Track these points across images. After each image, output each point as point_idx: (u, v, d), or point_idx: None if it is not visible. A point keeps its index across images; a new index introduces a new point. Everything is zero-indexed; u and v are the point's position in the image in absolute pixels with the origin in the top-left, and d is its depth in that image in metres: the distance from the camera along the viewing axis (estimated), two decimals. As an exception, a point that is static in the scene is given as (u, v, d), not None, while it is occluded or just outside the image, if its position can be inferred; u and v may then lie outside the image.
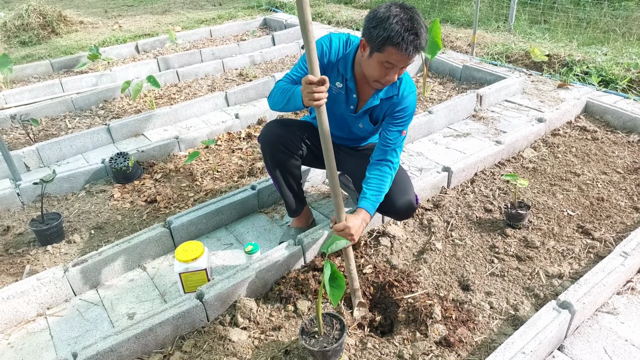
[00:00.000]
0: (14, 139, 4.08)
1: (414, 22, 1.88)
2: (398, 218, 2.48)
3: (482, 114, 4.02)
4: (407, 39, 1.86)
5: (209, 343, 2.01)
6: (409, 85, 2.23)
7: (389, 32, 1.87)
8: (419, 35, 1.89)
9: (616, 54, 4.88)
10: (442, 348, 1.90)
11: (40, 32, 7.22)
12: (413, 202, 2.34)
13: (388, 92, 2.20)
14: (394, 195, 2.28)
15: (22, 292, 2.23)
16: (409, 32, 1.86)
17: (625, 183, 2.92)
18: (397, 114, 2.22)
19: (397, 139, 2.24)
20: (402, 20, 1.87)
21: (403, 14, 1.88)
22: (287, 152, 2.35)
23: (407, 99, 2.21)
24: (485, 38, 5.82)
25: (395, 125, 2.23)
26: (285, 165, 2.39)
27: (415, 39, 1.88)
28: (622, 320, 2.02)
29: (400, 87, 2.20)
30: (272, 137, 2.33)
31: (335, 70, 2.24)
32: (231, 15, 8.16)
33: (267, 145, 2.35)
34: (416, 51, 1.92)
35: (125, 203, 3.06)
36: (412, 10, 1.92)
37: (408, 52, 1.90)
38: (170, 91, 4.97)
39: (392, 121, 2.24)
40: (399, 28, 1.86)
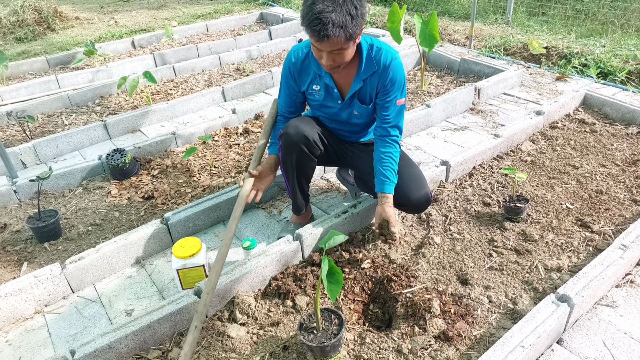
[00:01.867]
0: (10, 136, 4.06)
1: (324, 6, 1.80)
2: (413, 211, 2.47)
3: (480, 107, 4.01)
4: (312, 27, 1.82)
5: (208, 339, 2.01)
6: (387, 53, 2.16)
7: (302, 15, 1.86)
8: (324, 22, 1.80)
9: (615, 46, 4.86)
10: (441, 342, 1.90)
11: (36, 28, 7.18)
12: (429, 196, 2.35)
13: (367, 70, 2.17)
14: (410, 190, 2.29)
15: (19, 290, 2.22)
16: (315, 19, 1.80)
17: (624, 175, 2.92)
18: (387, 85, 2.19)
19: (394, 111, 2.23)
20: (315, 3, 1.81)
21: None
22: (309, 155, 2.30)
23: (389, 68, 2.16)
24: (483, 31, 5.79)
25: (388, 96, 2.21)
26: (304, 167, 2.36)
27: (322, 29, 1.80)
28: (621, 313, 2.01)
29: (380, 59, 2.15)
30: (298, 138, 2.24)
31: (311, 73, 2.24)
32: (228, 9, 8.11)
33: (293, 146, 2.26)
34: (325, 37, 1.83)
35: (123, 199, 3.05)
36: None
37: (319, 39, 1.85)
38: (167, 87, 4.95)
39: (383, 95, 2.22)
40: (308, 12, 1.82)
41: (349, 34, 1.87)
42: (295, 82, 2.32)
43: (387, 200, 2.25)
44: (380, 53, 2.15)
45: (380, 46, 2.16)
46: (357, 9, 1.86)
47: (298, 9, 7.71)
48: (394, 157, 2.27)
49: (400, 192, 2.29)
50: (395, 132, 2.28)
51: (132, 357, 1.95)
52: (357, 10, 1.86)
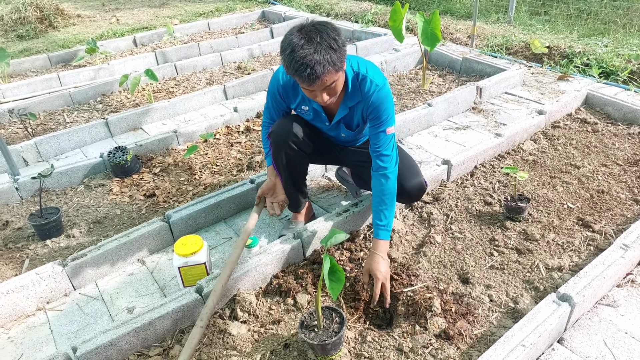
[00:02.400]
0: (12, 134, 4.07)
1: (306, 50, 1.76)
2: (409, 201, 2.44)
3: (482, 106, 4.00)
4: (300, 74, 1.79)
5: (209, 337, 2.01)
6: (373, 82, 2.09)
7: (286, 65, 1.82)
8: (311, 65, 1.76)
9: (617, 46, 4.85)
10: (442, 341, 1.90)
11: (38, 25, 7.19)
12: (423, 184, 2.34)
13: (353, 99, 2.13)
14: (404, 178, 2.28)
15: (21, 287, 2.23)
16: (300, 65, 1.76)
17: (625, 175, 2.91)
18: (372, 116, 2.13)
19: (383, 140, 2.14)
20: (295, 50, 1.77)
21: (297, 40, 1.78)
22: (299, 151, 2.31)
23: (374, 97, 2.09)
24: (485, 30, 5.79)
25: (376, 127, 2.14)
26: (296, 164, 2.37)
27: (310, 72, 1.77)
28: (622, 312, 2.01)
29: (364, 88, 2.09)
30: (286, 135, 2.26)
31: (299, 94, 2.23)
32: (229, 8, 8.11)
33: (281, 144, 2.28)
34: (316, 79, 1.80)
35: (124, 197, 3.06)
36: (310, 33, 1.79)
37: (310, 83, 1.83)
38: (169, 85, 4.95)
39: (371, 124, 2.16)
40: (290, 60, 1.78)
41: (337, 67, 1.84)
42: (283, 100, 2.30)
43: (378, 249, 2.11)
44: (365, 83, 2.09)
45: (365, 75, 2.09)
46: (336, 40, 1.82)
47: (300, 8, 7.71)
48: (388, 195, 2.14)
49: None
50: (386, 162, 2.15)
51: (133, 354, 1.96)
52: (336, 42, 1.81)
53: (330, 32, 1.82)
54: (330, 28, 1.84)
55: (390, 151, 2.15)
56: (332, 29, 1.84)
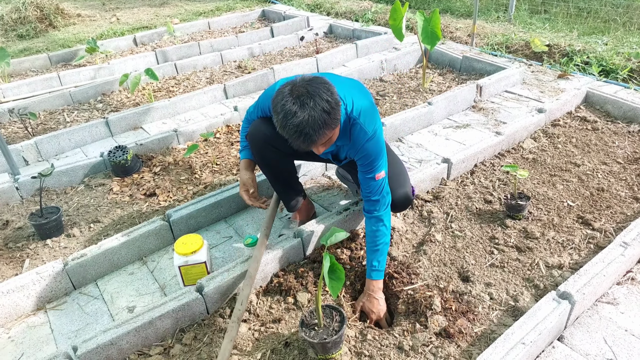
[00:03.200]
0: (12, 133, 4.07)
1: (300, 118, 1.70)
2: (394, 210, 2.36)
3: (482, 104, 4.00)
4: (295, 141, 1.76)
5: (209, 335, 2.01)
6: (363, 130, 2.00)
7: (279, 128, 1.78)
8: (305, 133, 1.72)
9: (617, 44, 4.85)
10: (442, 339, 1.90)
11: (38, 25, 7.19)
12: (409, 195, 2.29)
13: (342, 139, 2.06)
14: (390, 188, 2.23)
15: (22, 286, 2.23)
16: (294, 133, 1.73)
17: (625, 173, 2.91)
18: (360, 162, 2.07)
19: (373, 186, 2.06)
20: (287, 117, 1.72)
21: (290, 105, 1.72)
22: (278, 151, 2.25)
23: (362, 148, 2.01)
24: (485, 28, 5.78)
25: (365, 173, 2.07)
26: (277, 163, 2.34)
27: (305, 139, 1.74)
28: (622, 310, 2.02)
29: (353, 134, 2.02)
30: (260, 136, 2.22)
31: None
32: (230, 7, 8.11)
33: (256, 145, 2.26)
34: (311, 144, 1.78)
35: (125, 196, 3.06)
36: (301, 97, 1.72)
37: (307, 147, 1.81)
38: (169, 84, 4.95)
39: (361, 169, 2.09)
40: (284, 127, 1.74)
41: (332, 127, 1.80)
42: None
43: (371, 289, 2.08)
44: (355, 129, 2.01)
45: (356, 120, 1.99)
46: (329, 101, 1.75)
47: (300, 7, 7.71)
48: (381, 240, 2.08)
49: None
50: (377, 206, 2.08)
51: (134, 353, 1.96)
52: (329, 103, 1.75)
53: (323, 93, 1.74)
54: (322, 88, 1.76)
55: (380, 195, 2.08)
56: (325, 89, 1.76)
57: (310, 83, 1.77)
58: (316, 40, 5.97)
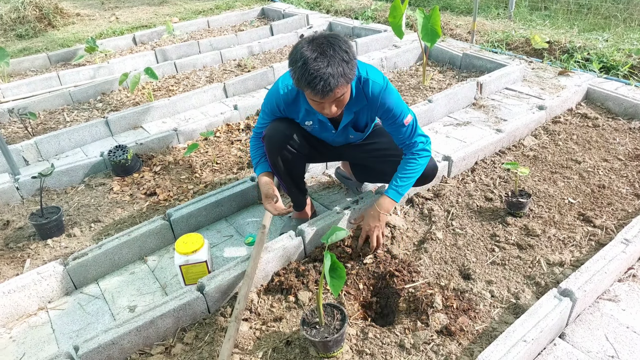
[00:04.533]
0: (12, 133, 4.06)
1: (320, 63, 1.75)
2: (423, 181, 2.41)
3: (483, 102, 4.00)
4: (314, 86, 1.77)
5: (211, 335, 2.02)
6: (375, 85, 2.08)
7: (297, 77, 1.81)
8: (324, 78, 1.75)
9: (617, 40, 4.84)
10: (443, 337, 1.90)
11: (37, 24, 7.18)
12: (435, 163, 2.36)
13: (357, 103, 2.12)
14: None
15: (23, 286, 2.23)
16: (314, 77, 1.75)
17: (626, 170, 2.91)
18: (385, 116, 2.15)
19: (405, 131, 2.16)
20: (307, 63, 1.76)
21: (310, 53, 1.77)
22: (295, 152, 2.29)
23: (378, 99, 2.09)
24: (485, 25, 5.77)
25: (394, 123, 2.16)
26: (294, 165, 2.35)
27: (324, 85, 1.76)
28: (624, 307, 2.01)
29: (367, 92, 2.09)
30: (280, 137, 2.24)
31: (302, 109, 2.20)
32: (229, 5, 8.10)
33: (276, 146, 2.26)
34: (329, 92, 1.80)
35: (125, 196, 3.06)
36: (322, 45, 1.78)
37: (323, 95, 1.81)
38: (169, 83, 4.94)
39: (388, 122, 2.17)
40: (303, 72, 1.76)
41: (348, 79, 1.84)
42: (281, 113, 2.26)
43: (381, 204, 2.20)
44: (368, 85, 2.08)
45: (367, 77, 2.08)
46: (348, 52, 1.82)
47: (299, 5, 7.70)
48: (412, 169, 2.20)
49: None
50: (416, 144, 2.20)
51: (135, 352, 1.96)
52: (348, 55, 1.81)
53: (342, 45, 1.82)
54: (341, 40, 1.83)
55: (416, 137, 2.20)
56: (344, 42, 1.84)
57: (331, 36, 1.84)
58: (316, 38, 5.95)
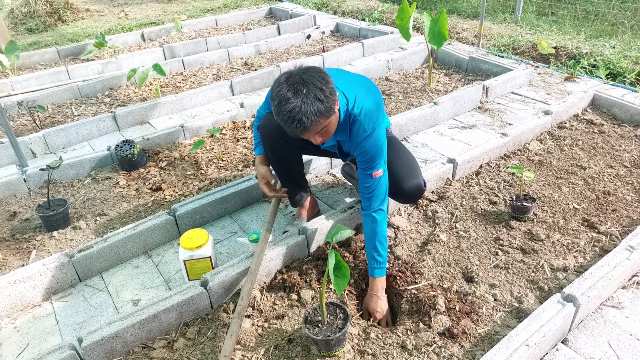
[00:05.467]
0: (21, 125, 4.09)
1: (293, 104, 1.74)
2: (406, 201, 2.44)
3: (488, 105, 4.00)
4: (289, 126, 1.78)
5: (213, 330, 2.02)
6: (362, 126, 2.01)
7: (275, 115, 1.82)
8: (298, 119, 1.74)
9: (624, 47, 4.83)
10: (446, 339, 1.90)
11: (47, 19, 7.23)
12: (421, 185, 2.32)
13: (341, 134, 2.09)
14: (402, 179, 2.27)
15: (28, 277, 2.24)
16: (288, 118, 1.75)
17: (631, 177, 2.90)
18: (359, 158, 2.08)
19: (372, 183, 2.07)
20: (281, 103, 1.75)
21: (284, 92, 1.76)
22: (287, 144, 2.30)
23: (361, 145, 2.03)
24: (491, 29, 5.77)
25: (364, 169, 2.08)
26: (287, 157, 2.37)
27: (298, 125, 1.76)
28: (627, 314, 2.01)
29: (353, 130, 2.04)
30: (272, 128, 2.25)
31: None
32: (237, 4, 8.12)
33: (267, 136, 2.30)
34: (304, 130, 1.79)
35: (131, 190, 3.07)
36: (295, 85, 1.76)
37: (300, 133, 1.82)
38: (176, 79, 4.96)
39: (360, 165, 2.10)
40: (278, 114, 1.78)
41: (325, 116, 1.81)
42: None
43: (374, 289, 2.08)
44: (354, 125, 2.03)
45: (357, 117, 2.01)
46: (323, 90, 1.78)
47: (307, 5, 7.71)
48: (380, 235, 2.09)
49: (391, 182, 2.24)
50: (376, 203, 2.09)
51: (138, 346, 1.97)
52: (323, 92, 1.77)
53: (317, 82, 1.78)
54: (317, 77, 1.79)
55: (376, 193, 2.08)
56: (319, 78, 1.79)
57: (306, 72, 1.81)
58: (322, 39, 5.97)
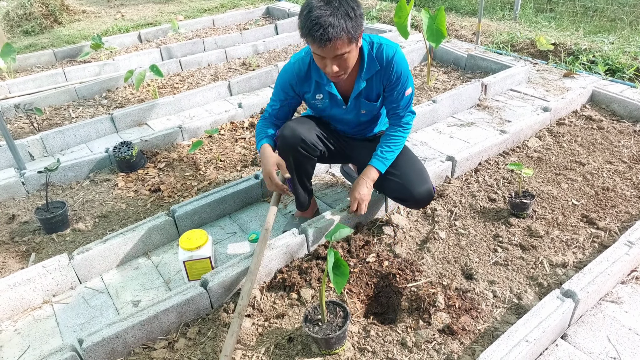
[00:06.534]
0: (18, 128, 4.09)
1: (323, 11, 1.80)
2: (416, 206, 2.47)
3: (487, 103, 4.00)
4: (313, 33, 1.81)
5: (213, 330, 2.03)
6: (389, 48, 2.14)
7: (301, 26, 1.87)
8: (324, 26, 1.78)
9: (623, 43, 4.83)
10: (445, 336, 1.90)
11: (43, 21, 7.22)
12: (432, 191, 2.33)
13: (370, 70, 2.16)
14: (413, 184, 2.27)
15: (28, 280, 2.24)
16: (314, 24, 1.79)
17: (630, 172, 2.91)
18: (392, 82, 2.19)
19: (405, 101, 2.26)
20: (312, 10, 1.81)
21: (316, 2, 1.83)
22: (308, 155, 2.29)
23: (393, 62, 2.14)
24: (490, 27, 5.77)
25: (396, 91, 2.22)
26: (305, 167, 2.36)
27: (323, 33, 1.79)
28: (626, 309, 2.01)
29: (382, 56, 2.14)
30: (294, 140, 2.23)
31: (313, 82, 2.22)
32: (234, 4, 8.11)
33: (289, 148, 2.25)
34: (327, 42, 1.81)
35: (129, 192, 3.07)
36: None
37: (321, 44, 1.84)
38: (174, 80, 4.96)
39: (391, 90, 2.23)
40: (306, 20, 1.83)
41: (350, 36, 1.85)
42: (294, 90, 2.28)
43: (366, 173, 2.29)
44: (382, 49, 2.13)
45: (380, 42, 2.14)
46: (355, 9, 1.85)
47: (304, 4, 7.69)
48: (397, 140, 2.30)
49: (402, 186, 2.28)
50: (407, 118, 2.31)
51: (138, 347, 1.97)
52: (354, 12, 1.84)
53: (350, 2, 1.85)
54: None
55: (410, 108, 2.30)
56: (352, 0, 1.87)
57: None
58: (321, 38, 5.96)
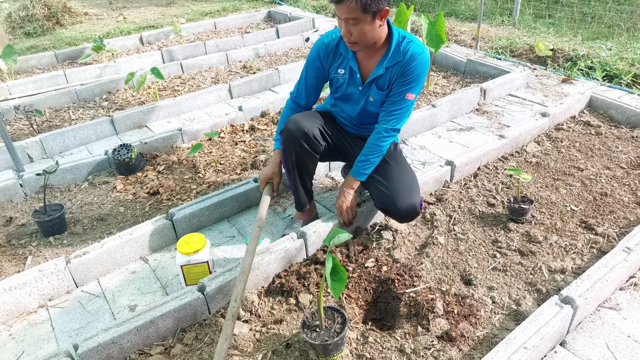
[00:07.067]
0: (18, 130, 4.08)
1: None
2: (399, 220, 2.38)
3: (486, 108, 4.00)
4: None
5: (210, 335, 2.02)
6: (417, 47, 2.20)
7: None
8: None
9: (621, 49, 4.84)
10: (444, 342, 1.90)
11: (45, 23, 7.22)
12: (417, 207, 2.26)
13: (393, 59, 2.22)
14: (397, 197, 2.23)
15: (24, 283, 2.23)
16: None
17: (628, 178, 2.91)
18: (403, 78, 2.22)
19: (403, 105, 2.27)
20: None
21: None
22: (309, 151, 2.30)
23: (415, 59, 2.19)
24: (489, 32, 5.78)
25: (399, 86, 2.24)
26: (306, 163, 2.37)
27: None
28: (625, 316, 2.01)
29: (407, 50, 2.20)
30: (298, 133, 2.25)
31: (338, 55, 2.31)
32: (236, 7, 8.13)
33: (292, 142, 2.28)
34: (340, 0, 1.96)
35: (128, 195, 3.06)
36: None
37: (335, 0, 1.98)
38: (174, 83, 4.96)
39: (397, 87, 2.25)
40: None
41: (363, 3, 1.94)
42: (321, 63, 2.37)
43: (346, 182, 2.38)
44: (410, 45, 2.20)
45: (412, 39, 2.22)
46: None
47: (306, 8, 7.72)
48: (378, 149, 2.31)
49: (387, 197, 2.25)
50: (397, 123, 2.30)
51: (134, 352, 1.96)
52: None
53: None
54: None
55: (401, 122, 2.30)
56: None
57: None
58: (321, 42, 5.96)
